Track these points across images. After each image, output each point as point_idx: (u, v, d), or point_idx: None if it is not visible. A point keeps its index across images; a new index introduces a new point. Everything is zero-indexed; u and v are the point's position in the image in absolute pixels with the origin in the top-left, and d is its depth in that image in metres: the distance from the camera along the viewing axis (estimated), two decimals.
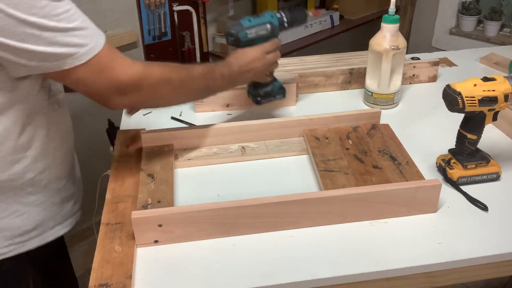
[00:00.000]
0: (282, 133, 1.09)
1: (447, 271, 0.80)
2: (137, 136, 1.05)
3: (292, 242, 0.83)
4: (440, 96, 0.93)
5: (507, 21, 2.69)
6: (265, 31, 1.02)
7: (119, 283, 0.73)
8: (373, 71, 1.24)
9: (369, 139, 1.05)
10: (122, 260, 0.77)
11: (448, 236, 0.83)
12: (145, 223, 0.79)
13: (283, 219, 0.84)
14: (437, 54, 1.58)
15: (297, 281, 0.75)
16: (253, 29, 1.00)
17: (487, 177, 0.96)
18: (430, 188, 0.86)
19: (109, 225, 0.85)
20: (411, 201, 0.86)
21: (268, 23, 1.02)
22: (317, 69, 1.33)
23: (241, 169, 1.02)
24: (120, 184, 0.95)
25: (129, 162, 1.01)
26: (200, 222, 0.81)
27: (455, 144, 0.97)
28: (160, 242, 0.82)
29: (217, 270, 0.77)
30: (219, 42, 2.45)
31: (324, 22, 2.71)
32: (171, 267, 0.78)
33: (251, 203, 0.81)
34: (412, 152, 1.01)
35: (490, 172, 0.95)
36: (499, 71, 1.45)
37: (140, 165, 0.98)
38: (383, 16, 1.18)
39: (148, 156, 1.01)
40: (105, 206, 0.89)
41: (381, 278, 0.78)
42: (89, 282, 0.73)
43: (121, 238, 0.82)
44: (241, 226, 0.83)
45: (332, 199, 0.83)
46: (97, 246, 0.80)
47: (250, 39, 1.01)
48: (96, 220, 0.93)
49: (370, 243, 0.82)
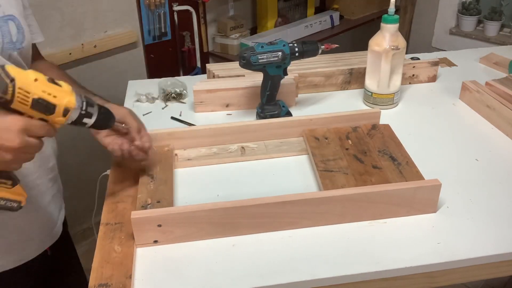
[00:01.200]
0: (282, 133, 1.09)
1: (447, 271, 0.80)
2: None
3: (291, 242, 0.83)
4: (440, 96, 0.93)
5: (507, 21, 2.69)
6: (276, 58, 1.09)
7: (119, 283, 0.73)
8: (372, 71, 1.24)
9: (369, 139, 1.05)
10: (122, 260, 0.77)
11: (447, 236, 0.83)
12: (145, 223, 0.79)
13: (283, 219, 0.84)
14: (437, 54, 1.58)
15: (296, 281, 0.75)
16: (265, 55, 1.08)
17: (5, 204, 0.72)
18: (430, 188, 0.86)
19: (108, 225, 0.85)
20: (411, 201, 0.86)
21: (279, 51, 1.08)
22: (316, 69, 1.33)
23: (241, 169, 1.02)
24: (119, 184, 0.95)
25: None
26: (200, 222, 0.81)
27: None
28: (160, 242, 0.82)
29: (217, 270, 0.77)
30: (219, 42, 2.45)
31: (324, 22, 2.71)
32: (171, 267, 0.78)
33: (251, 203, 0.81)
34: (411, 152, 1.01)
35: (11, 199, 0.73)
36: (499, 71, 1.45)
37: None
38: (383, 16, 1.18)
39: None
40: (105, 206, 0.89)
41: (381, 278, 0.78)
42: (89, 282, 0.73)
43: (121, 238, 0.82)
44: (241, 226, 0.83)
45: (331, 199, 0.83)
46: (97, 246, 0.80)
47: (261, 63, 1.08)
48: (96, 220, 0.93)
49: (370, 243, 0.82)
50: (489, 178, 0.98)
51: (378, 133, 1.08)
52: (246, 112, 1.25)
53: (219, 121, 1.18)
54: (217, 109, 1.26)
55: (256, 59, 1.08)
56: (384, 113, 1.15)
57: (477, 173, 0.99)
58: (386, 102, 1.24)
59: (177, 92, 1.32)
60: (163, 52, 2.25)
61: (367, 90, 1.26)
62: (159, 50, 2.22)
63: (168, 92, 1.32)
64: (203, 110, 1.26)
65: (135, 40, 2.08)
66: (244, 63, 1.09)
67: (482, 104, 1.19)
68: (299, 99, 1.30)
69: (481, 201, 0.91)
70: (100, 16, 1.94)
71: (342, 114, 1.10)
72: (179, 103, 1.31)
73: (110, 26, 1.98)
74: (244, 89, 1.24)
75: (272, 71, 1.11)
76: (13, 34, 0.87)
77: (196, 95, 1.24)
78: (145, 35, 2.13)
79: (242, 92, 1.24)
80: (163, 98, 1.32)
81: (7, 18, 0.87)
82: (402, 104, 1.28)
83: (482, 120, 1.19)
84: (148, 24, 2.13)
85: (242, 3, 2.56)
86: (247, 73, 1.28)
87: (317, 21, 2.68)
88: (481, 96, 1.20)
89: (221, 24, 2.44)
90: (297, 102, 1.29)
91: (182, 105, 1.30)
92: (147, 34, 2.14)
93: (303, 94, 1.33)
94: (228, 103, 1.25)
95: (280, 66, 1.11)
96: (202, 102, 1.25)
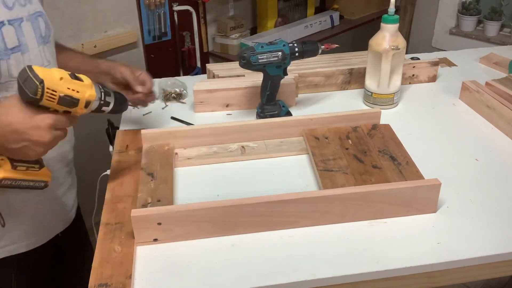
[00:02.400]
0: (282, 133, 1.09)
1: (447, 271, 0.80)
2: (137, 135, 1.05)
3: (291, 241, 0.83)
4: (440, 96, 0.93)
5: (507, 21, 2.70)
6: (276, 58, 1.09)
7: (118, 283, 0.73)
8: (372, 71, 1.24)
9: (369, 139, 1.05)
10: (122, 260, 0.77)
11: (447, 236, 0.83)
12: (145, 221, 0.79)
13: (283, 218, 0.84)
14: (437, 54, 1.58)
15: (296, 281, 0.75)
16: (265, 55, 1.08)
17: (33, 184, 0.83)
18: (429, 188, 0.86)
19: (108, 225, 0.85)
20: (411, 201, 0.86)
21: (279, 51, 1.09)
22: (316, 69, 1.33)
23: (241, 169, 1.02)
24: (119, 184, 0.95)
25: (129, 162, 1.02)
26: (200, 221, 0.81)
27: None
28: (160, 241, 0.82)
29: (217, 269, 0.77)
30: (219, 42, 2.45)
31: (324, 22, 2.72)
32: (171, 266, 0.78)
33: (250, 201, 0.81)
34: (411, 152, 1.01)
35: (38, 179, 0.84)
36: (499, 71, 1.45)
37: (139, 165, 0.99)
38: (383, 16, 1.19)
39: (148, 155, 1.01)
40: (105, 206, 0.89)
41: (381, 278, 0.78)
42: (89, 282, 0.73)
43: (121, 238, 0.82)
44: (241, 225, 0.83)
45: (331, 198, 0.83)
46: (97, 246, 0.80)
47: (261, 63, 1.08)
48: (96, 220, 0.93)
49: (370, 243, 0.82)
50: (489, 178, 0.98)
51: (378, 133, 1.08)
52: (246, 112, 1.25)
53: (219, 121, 1.18)
54: (217, 109, 1.26)
55: (256, 59, 1.08)
56: (384, 113, 1.15)
57: (477, 173, 0.99)
58: (386, 102, 1.24)
59: (177, 92, 1.32)
60: (163, 52, 2.25)
61: (367, 90, 1.26)
62: (159, 50, 2.22)
63: (168, 92, 1.32)
64: (203, 110, 1.26)
65: (135, 40, 2.08)
66: (244, 63, 1.09)
67: (482, 104, 1.19)
68: (299, 99, 1.30)
69: (481, 201, 0.91)
70: (100, 16, 1.94)
71: (342, 114, 1.10)
72: (179, 103, 1.31)
73: (110, 26, 1.98)
74: (244, 89, 1.24)
75: (272, 71, 1.11)
76: (42, 29, 0.92)
77: (196, 95, 1.24)
78: (145, 35, 2.13)
79: (242, 92, 1.24)
80: (163, 98, 1.32)
81: (37, 15, 0.91)
82: (402, 104, 1.28)
83: (482, 120, 1.19)
84: (148, 24, 2.13)
85: (242, 3, 2.56)
86: (247, 73, 1.28)
87: (317, 21, 2.69)
88: (481, 96, 1.20)
89: (221, 24, 2.44)
90: (297, 102, 1.29)
91: (182, 105, 1.30)
92: (147, 34, 2.14)
93: (303, 94, 1.33)
94: (228, 103, 1.25)
95: (280, 66, 1.11)
96: (202, 102, 1.25)
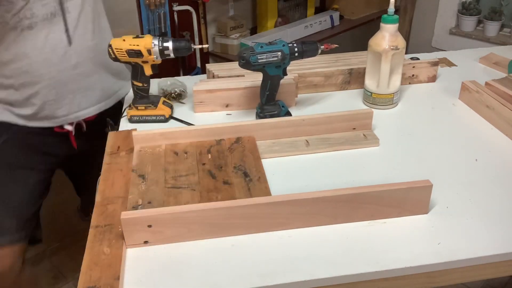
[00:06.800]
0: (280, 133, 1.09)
1: (447, 271, 0.80)
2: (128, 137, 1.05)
3: (290, 242, 0.83)
4: (439, 96, 0.93)
5: (507, 21, 2.70)
6: (276, 58, 1.08)
7: (106, 285, 0.72)
8: (372, 71, 1.24)
9: (228, 154, 1.02)
10: (111, 261, 0.76)
11: (447, 236, 0.83)
12: (135, 223, 0.79)
13: (274, 220, 0.83)
14: (437, 54, 1.58)
15: (295, 281, 0.75)
16: (264, 55, 1.08)
17: (156, 118, 1.19)
18: (421, 189, 0.85)
19: (98, 227, 0.83)
20: (402, 202, 0.86)
21: (279, 51, 1.08)
22: (316, 69, 1.33)
23: None
24: (110, 185, 0.94)
25: (120, 164, 1.01)
26: (190, 223, 0.80)
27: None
28: (150, 243, 0.81)
29: (211, 271, 0.77)
30: (219, 42, 2.45)
31: (324, 22, 2.72)
32: (162, 268, 0.78)
33: (241, 203, 0.80)
34: (411, 152, 1.01)
35: (158, 114, 1.19)
36: (499, 71, 1.45)
37: (131, 167, 0.98)
38: (382, 16, 1.18)
39: (139, 157, 1.01)
40: (95, 208, 0.88)
41: (380, 278, 0.78)
42: (77, 285, 0.72)
43: (110, 240, 0.80)
44: (232, 227, 0.82)
45: (320, 200, 0.82)
46: (86, 249, 0.79)
47: (260, 63, 1.08)
48: None
49: (370, 243, 0.82)
50: (489, 178, 0.98)
51: (240, 146, 1.05)
52: (246, 112, 1.25)
53: (219, 121, 1.18)
54: (217, 109, 1.26)
55: (255, 59, 1.08)
56: (384, 113, 1.15)
57: (477, 173, 0.99)
58: (385, 102, 1.24)
59: (177, 92, 1.32)
60: None
61: (367, 90, 1.26)
62: None
63: (168, 92, 1.32)
64: (203, 110, 1.26)
65: None
66: (243, 63, 1.09)
67: (482, 104, 1.19)
68: (298, 99, 1.30)
69: (480, 201, 0.91)
70: None
71: (335, 114, 1.09)
72: (179, 103, 1.31)
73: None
74: (244, 89, 1.24)
75: (271, 71, 1.11)
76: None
77: (196, 95, 1.24)
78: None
79: (242, 92, 1.24)
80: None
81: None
82: (401, 104, 1.28)
83: (482, 120, 1.19)
84: (148, 24, 2.13)
85: (242, 3, 2.57)
86: (247, 73, 1.28)
87: (317, 21, 2.69)
88: (481, 96, 1.20)
89: (221, 24, 2.44)
90: (297, 102, 1.29)
91: (182, 105, 1.30)
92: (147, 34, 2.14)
93: (303, 94, 1.33)
94: (228, 103, 1.25)
95: (279, 66, 1.11)
96: (202, 102, 1.25)
